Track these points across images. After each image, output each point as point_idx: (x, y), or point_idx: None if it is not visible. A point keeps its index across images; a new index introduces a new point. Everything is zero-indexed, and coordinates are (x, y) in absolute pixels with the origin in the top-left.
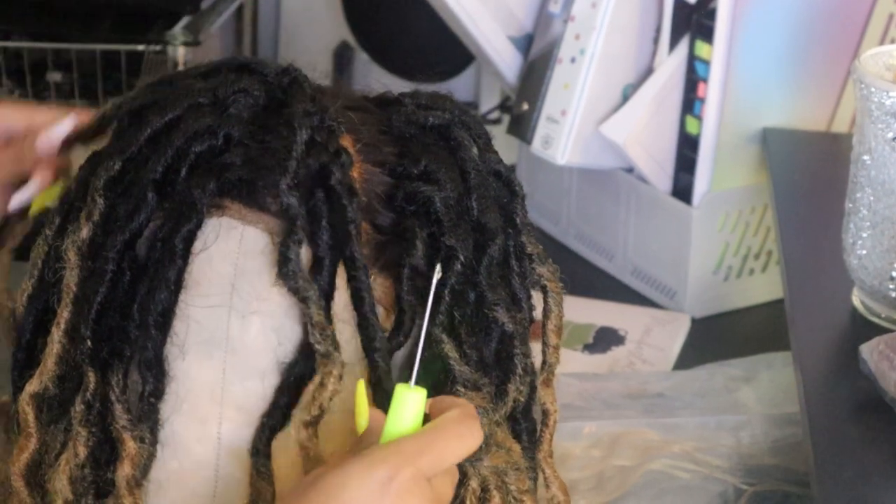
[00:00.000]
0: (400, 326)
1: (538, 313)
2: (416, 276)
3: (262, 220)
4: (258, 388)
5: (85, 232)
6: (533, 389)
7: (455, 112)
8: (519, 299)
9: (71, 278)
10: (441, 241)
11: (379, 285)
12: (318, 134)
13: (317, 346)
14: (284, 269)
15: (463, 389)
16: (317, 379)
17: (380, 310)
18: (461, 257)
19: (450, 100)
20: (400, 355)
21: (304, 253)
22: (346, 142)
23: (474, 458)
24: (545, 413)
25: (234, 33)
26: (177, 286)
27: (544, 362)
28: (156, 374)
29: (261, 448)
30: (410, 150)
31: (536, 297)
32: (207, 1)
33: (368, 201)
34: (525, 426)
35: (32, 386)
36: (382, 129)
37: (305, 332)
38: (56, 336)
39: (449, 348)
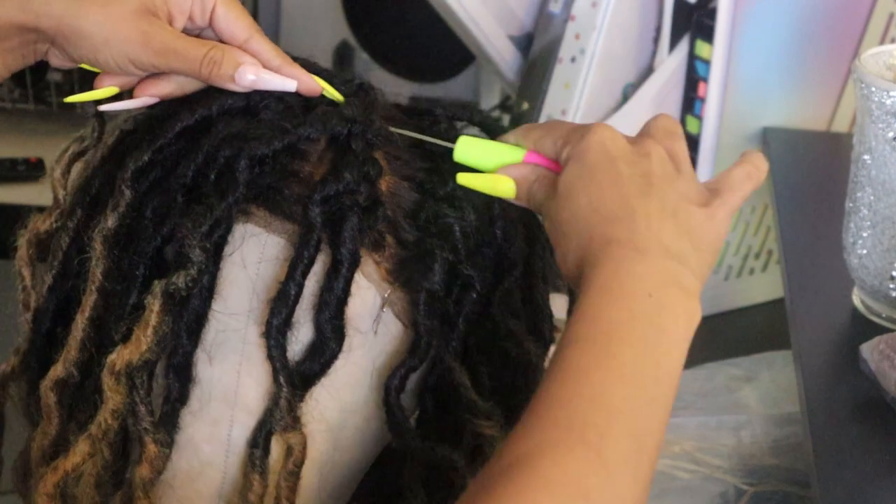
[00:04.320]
0: (416, 350)
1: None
2: (433, 299)
3: (285, 229)
4: (271, 393)
5: (111, 222)
6: None
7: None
8: (540, 323)
9: (97, 268)
10: (458, 269)
11: (399, 300)
12: (355, 142)
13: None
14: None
15: (473, 418)
16: (288, 463)
17: (399, 325)
18: (477, 287)
19: (479, 113)
20: (412, 378)
21: (323, 260)
22: (378, 154)
23: None
24: None
25: None
26: (209, 292)
27: None
28: (183, 380)
29: (260, 441)
30: (440, 168)
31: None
32: None
33: (394, 215)
34: None
35: (56, 372)
36: (414, 142)
37: (317, 333)
38: (80, 323)
39: (461, 375)
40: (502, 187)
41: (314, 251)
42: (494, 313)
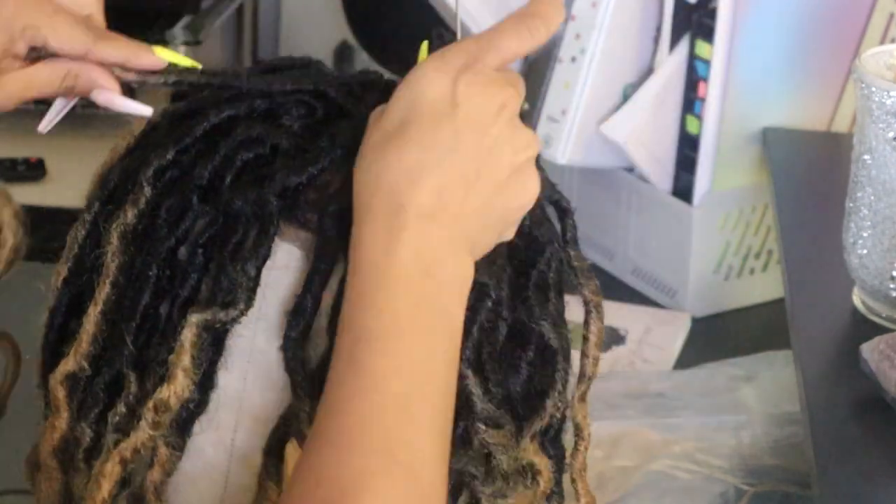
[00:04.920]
0: None
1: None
2: None
3: (298, 236)
4: (277, 400)
5: (130, 217)
6: (563, 417)
7: None
8: (556, 309)
9: (112, 262)
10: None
11: None
12: None
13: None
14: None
15: (484, 427)
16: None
17: None
18: (492, 294)
19: None
20: None
21: (339, 269)
22: None
23: (498, 495)
24: (579, 428)
25: (235, 33)
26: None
27: (583, 374)
28: (205, 388)
29: (274, 450)
30: None
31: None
32: (207, 1)
33: None
34: (554, 454)
35: (67, 366)
36: None
37: (329, 343)
38: (93, 316)
39: (473, 384)
40: None
41: (331, 263)
42: (529, 297)
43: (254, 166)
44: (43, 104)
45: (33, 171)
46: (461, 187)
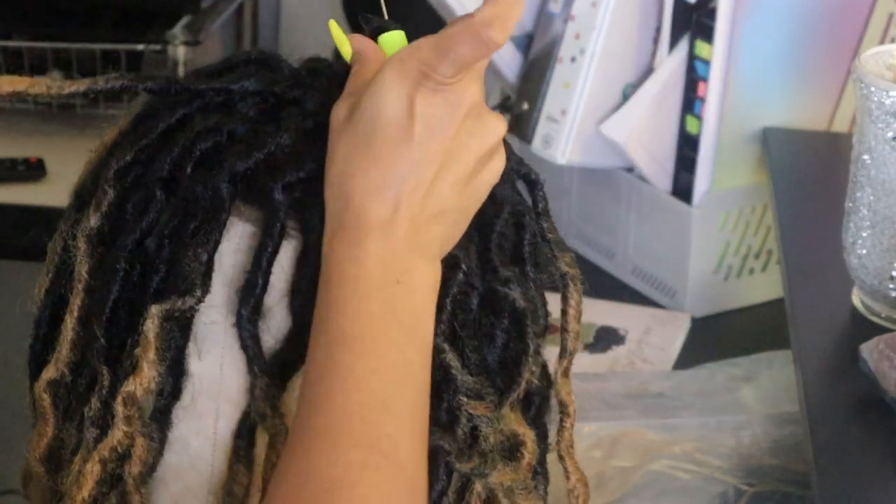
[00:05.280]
0: None
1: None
2: None
3: (258, 217)
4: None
5: (94, 221)
6: (546, 396)
7: None
8: (533, 282)
9: (81, 267)
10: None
11: None
12: (320, 131)
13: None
14: (256, 265)
15: (466, 399)
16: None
17: None
18: (463, 266)
19: None
20: None
21: (295, 246)
22: None
23: (480, 474)
24: (563, 405)
25: (234, 33)
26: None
27: (564, 349)
28: (176, 375)
29: (244, 433)
30: None
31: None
32: (207, 1)
33: None
34: (537, 431)
35: (48, 373)
36: None
37: (294, 321)
38: (69, 323)
39: (451, 358)
40: (343, 44)
41: (279, 238)
42: (492, 258)
43: (213, 154)
44: (43, 104)
45: (33, 171)
46: (420, 196)
